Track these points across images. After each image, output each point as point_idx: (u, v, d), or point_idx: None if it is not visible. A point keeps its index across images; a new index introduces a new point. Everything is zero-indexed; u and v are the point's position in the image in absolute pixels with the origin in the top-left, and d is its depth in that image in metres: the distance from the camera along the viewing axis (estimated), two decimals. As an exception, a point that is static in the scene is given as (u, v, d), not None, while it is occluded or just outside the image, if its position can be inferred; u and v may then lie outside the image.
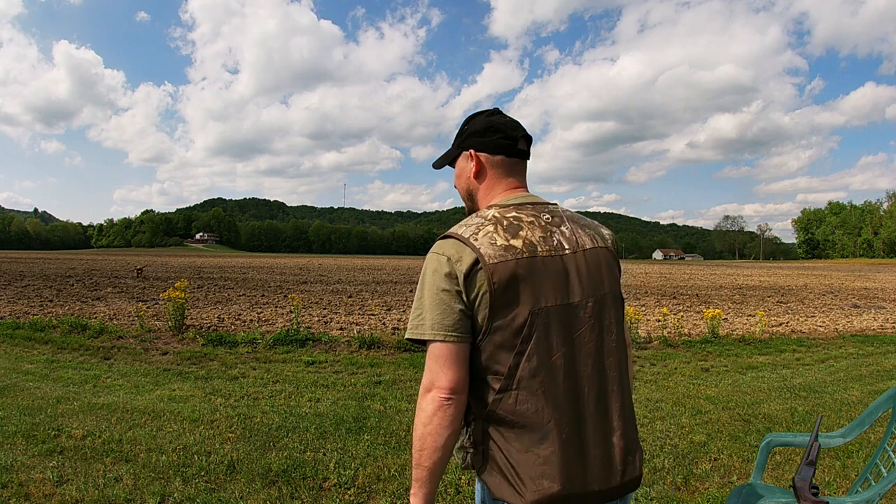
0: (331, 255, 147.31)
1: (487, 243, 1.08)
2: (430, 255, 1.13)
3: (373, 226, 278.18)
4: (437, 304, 1.08)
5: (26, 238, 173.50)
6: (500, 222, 1.12)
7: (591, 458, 1.08)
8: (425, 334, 1.08)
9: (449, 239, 1.13)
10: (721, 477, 3.09)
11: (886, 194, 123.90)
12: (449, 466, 3.10)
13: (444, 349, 1.07)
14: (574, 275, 1.12)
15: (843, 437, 1.88)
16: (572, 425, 1.07)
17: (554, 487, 1.04)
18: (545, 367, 1.06)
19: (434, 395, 1.07)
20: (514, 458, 1.06)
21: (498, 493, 1.08)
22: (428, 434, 1.07)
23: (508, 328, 1.06)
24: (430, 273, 1.10)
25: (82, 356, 5.98)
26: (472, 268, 1.07)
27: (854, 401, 4.70)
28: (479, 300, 1.07)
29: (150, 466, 3.03)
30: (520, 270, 1.07)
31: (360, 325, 8.48)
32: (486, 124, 1.23)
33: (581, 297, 1.11)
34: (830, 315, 11.49)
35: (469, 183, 1.26)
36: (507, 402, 1.06)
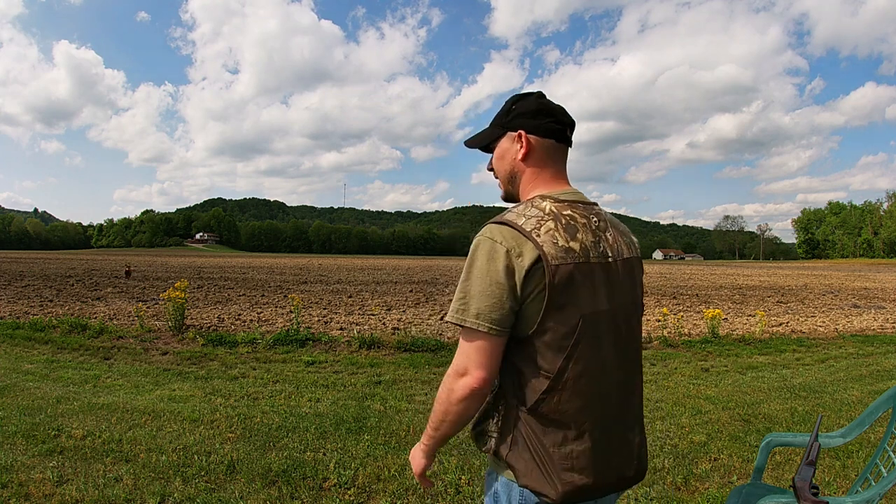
0: (331, 255, 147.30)
1: (550, 242, 1.08)
2: (485, 240, 1.10)
3: (373, 226, 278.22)
4: (488, 295, 1.07)
5: (26, 238, 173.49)
6: (558, 220, 1.12)
7: (616, 454, 1.15)
8: (467, 322, 1.08)
9: (506, 227, 1.10)
10: (721, 477, 3.09)
11: (886, 194, 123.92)
12: (450, 468, 3.10)
13: (486, 342, 1.08)
14: (614, 283, 1.16)
15: (843, 437, 1.88)
16: (604, 424, 1.13)
17: (583, 480, 1.10)
18: (589, 369, 1.10)
19: (467, 382, 1.10)
20: (547, 450, 1.10)
21: (525, 479, 1.11)
22: (454, 412, 1.13)
23: (559, 330, 1.08)
24: (484, 260, 1.08)
25: (82, 356, 5.98)
26: (534, 265, 1.06)
27: (854, 401, 4.70)
28: (534, 298, 1.07)
29: (150, 466, 3.03)
30: (576, 275, 1.08)
31: (360, 325, 8.48)
32: (537, 106, 1.21)
33: (617, 305, 1.16)
34: (830, 315, 11.49)
35: (514, 165, 1.24)
36: (551, 401, 1.10)
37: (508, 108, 1.25)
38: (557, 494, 1.08)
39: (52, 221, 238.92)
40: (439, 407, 1.15)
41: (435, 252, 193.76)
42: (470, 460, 3.23)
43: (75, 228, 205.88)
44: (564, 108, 1.24)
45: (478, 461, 3.21)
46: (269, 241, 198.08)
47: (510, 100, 1.26)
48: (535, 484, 1.10)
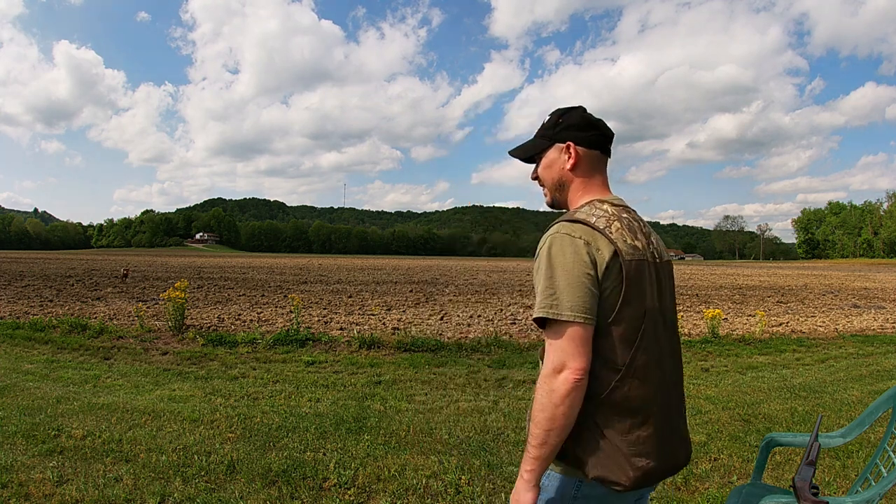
0: (331, 255, 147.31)
1: (621, 239, 1.16)
2: (562, 237, 1.16)
3: (373, 226, 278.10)
4: (578, 286, 1.12)
5: (26, 238, 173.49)
6: (621, 220, 1.21)
7: (673, 439, 1.23)
8: (563, 315, 1.11)
9: (579, 224, 1.17)
10: (721, 477, 3.09)
11: (886, 194, 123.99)
12: (450, 468, 3.10)
13: (581, 331, 1.12)
14: (661, 282, 1.25)
15: (843, 437, 1.88)
16: (664, 411, 1.20)
17: (650, 464, 1.16)
18: (653, 360, 1.18)
19: (567, 376, 1.11)
20: (615, 438, 1.15)
21: (595, 471, 1.15)
22: (561, 414, 1.11)
23: (630, 322, 1.15)
24: (567, 254, 1.13)
25: (82, 356, 5.98)
26: (612, 259, 1.14)
27: (854, 401, 4.70)
28: (610, 291, 1.14)
29: (150, 466, 3.03)
30: (642, 271, 1.18)
31: (360, 325, 8.48)
32: (584, 119, 1.30)
33: (664, 302, 1.25)
34: (830, 315, 11.49)
35: (563, 174, 1.31)
36: (621, 391, 1.15)
37: (555, 120, 1.32)
38: (629, 480, 1.13)
39: (52, 221, 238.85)
40: (542, 416, 1.12)
41: (435, 252, 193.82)
42: (470, 460, 3.24)
43: (75, 228, 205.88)
44: (605, 122, 1.32)
45: (478, 461, 3.21)
46: (269, 241, 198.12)
47: (556, 112, 1.33)
48: (607, 472, 1.14)
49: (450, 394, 4.79)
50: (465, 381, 5.23)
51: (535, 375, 4.57)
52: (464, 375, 5.44)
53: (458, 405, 4.43)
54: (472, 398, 4.67)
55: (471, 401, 4.58)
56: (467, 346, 6.64)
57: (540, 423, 1.12)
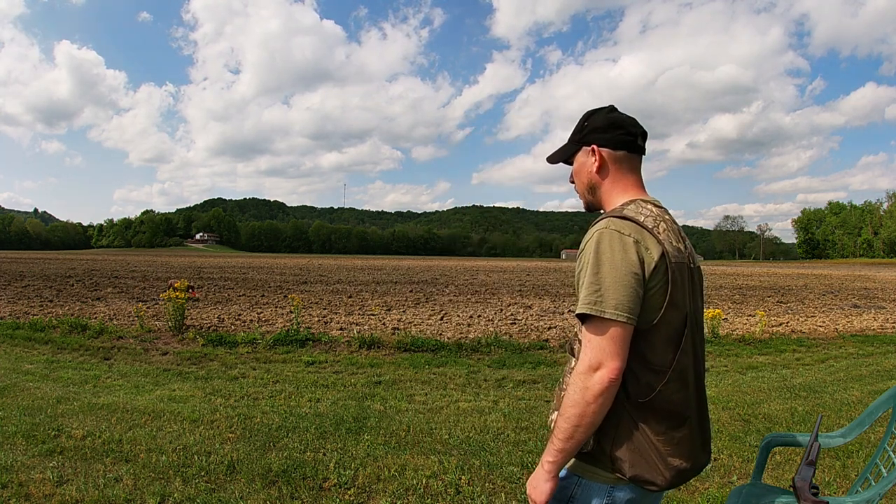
0: (331, 255, 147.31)
1: (668, 240, 1.16)
2: (611, 233, 1.13)
3: (373, 226, 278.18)
4: (624, 284, 1.10)
5: (26, 238, 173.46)
6: (665, 221, 1.21)
7: (702, 438, 1.25)
8: (606, 312, 1.10)
9: (629, 221, 1.15)
10: (721, 477, 3.09)
11: (886, 194, 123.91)
12: (450, 468, 3.10)
13: (622, 331, 1.11)
14: (695, 286, 1.27)
15: (843, 437, 1.88)
16: (697, 411, 1.23)
17: (685, 465, 1.18)
18: (691, 363, 1.20)
19: (603, 375, 1.10)
20: (654, 439, 1.16)
21: (633, 471, 1.16)
22: (591, 412, 1.11)
23: (673, 324, 1.16)
24: (616, 251, 1.11)
25: (82, 356, 5.98)
26: (660, 260, 1.13)
27: (854, 401, 4.70)
28: (656, 292, 1.13)
29: (150, 466, 3.03)
30: (684, 273, 1.19)
31: (360, 325, 8.48)
32: (608, 121, 1.28)
33: (697, 306, 1.27)
34: (830, 315, 11.49)
35: (591, 178, 1.30)
36: (665, 392, 1.16)
37: (582, 124, 1.32)
38: (665, 481, 1.15)
39: (52, 221, 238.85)
40: (573, 411, 1.12)
41: (435, 252, 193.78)
42: (470, 460, 3.24)
43: (75, 228, 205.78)
44: (635, 119, 1.30)
45: (478, 461, 3.21)
46: (269, 241, 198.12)
47: (584, 115, 1.33)
48: (644, 472, 1.15)
49: (450, 394, 4.79)
50: (465, 381, 5.23)
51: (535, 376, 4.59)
52: (464, 375, 5.44)
53: (458, 405, 4.43)
54: (472, 398, 4.67)
55: (471, 401, 4.58)
56: (467, 346, 6.64)
57: (570, 418, 1.12)
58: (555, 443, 1.16)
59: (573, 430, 1.12)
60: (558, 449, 1.15)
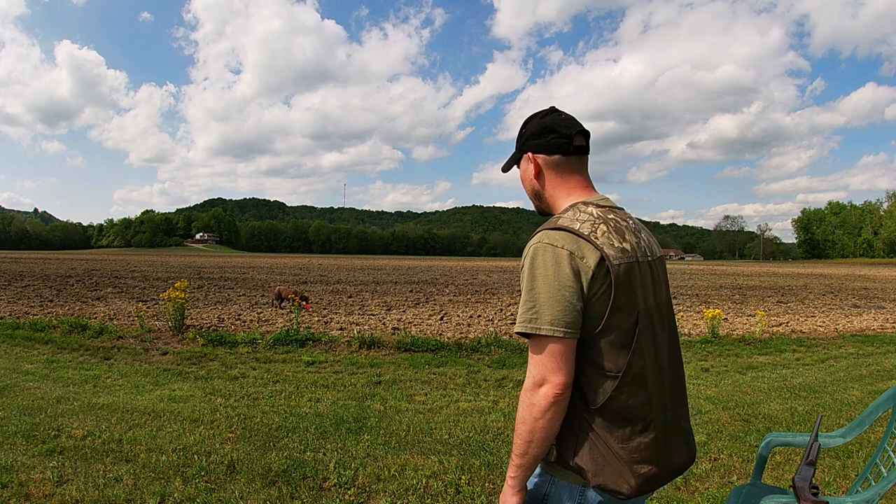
0: (331, 255, 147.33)
1: (608, 243, 1.13)
2: (545, 247, 1.12)
3: (373, 226, 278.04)
4: (558, 299, 1.09)
5: (26, 238, 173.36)
6: (607, 223, 1.17)
7: (674, 441, 1.21)
8: (542, 329, 1.09)
9: (563, 231, 1.13)
10: (721, 477, 3.09)
11: (886, 194, 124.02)
12: (450, 468, 3.10)
13: (561, 345, 1.10)
14: (656, 280, 1.23)
15: (843, 437, 1.88)
16: (665, 414, 1.18)
17: (652, 471, 1.14)
18: (649, 363, 1.15)
19: (548, 391, 1.10)
20: (615, 446, 1.13)
21: (597, 479, 1.13)
22: (541, 428, 1.11)
23: (622, 327, 1.12)
24: (549, 265, 1.10)
25: (82, 356, 5.98)
26: (598, 266, 1.10)
27: (854, 401, 4.70)
28: (598, 298, 1.11)
29: (150, 466, 3.03)
30: (632, 273, 1.14)
31: (360, 325, 8.48)
32: (540, 126, 1.27)
33: (661, 300, 1.23)
34: (830, 315, 11.49)
35: (532, 184, 1.31)
36: (619, 398, 1.12)
37: (520, 130, 1.32)
38: (631, 489, 1.12)
39: (52, 221, 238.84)
40: (523, 427, 1.13)
41: (435, 252, 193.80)
42: (470, 460, 3.23)
43: (75, 228, 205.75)
44: (572, 119, 1.27)
45: (478, 461, 3.21)
46: (269, 241, 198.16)
47: (524, 122, 1.32)
48: (609, 481, 1.12)
49: (450, 394, 4.79)
50: (465, 381, 5.23)
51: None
52: (464, 375, 5.44)
53: (458, 405, 4.43)
54: (472, 398, 4.67)
55: (471, 401, 4.58)
56: (467, 346, 6.64)
57: (521, 434, 1.14)
58: (513, 459, 1.17)
59: (526, 446, 1.14)
60: (516, 465, 1.16)
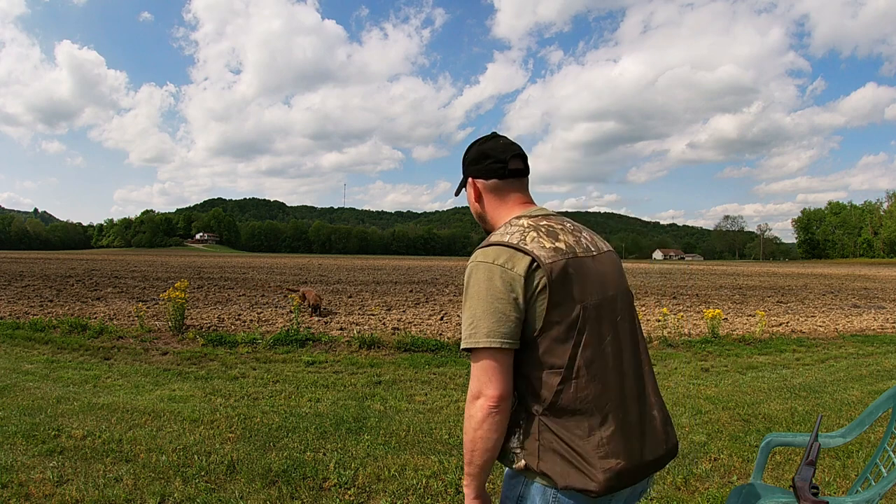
0: (331, 255, 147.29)
1: (538, 247, 1.16)
2: (478, 265, 1.17)
3: (373, 226, 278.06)
4: (492, 312, 1.13)
5: (26, 238, 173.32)
6: (538, 229, 1.21)
7: (642, 432, 1.19)
8: (480, 343, 1.13)
9: (494, 247, 1.18)
10: (721, 477, 3.09)
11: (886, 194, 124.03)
12: (450, 468, 3.10)
13: (499, 357, 1.13)
14: (604, 272, 1.24)
15: (843, 437, 1.88)
16: (624, 405, 1.17)
17: (620, 463, 1.12)
18: (598, 355, 1.16)
19: (482, 404, 1.13)
20: (576, 444, 1.12)
21: (564, 481, 1.12)
22: (479, 438, 1.15)
23: (564, 322, 1.14)
24: (482, 282, 1.15)
25: (82, 356, 5.98)
26: (529, 269, 1.14)
27: (854, 401, 4.70)
28: (536, 299, 1.14)
29: (150, 466, 3.03)
30: (569, 269, 1.16)
31: (360, 325, 8.48)
32: (478, 152, 1.34)
33: (614, 291, 1.24)
34: (830, 315, 11.49)
35: (475, 208, 1.38)
36: (568, 392, 1.13)
37: (463, 158, 1.39)
38: (599, 486, 1.10)
39: (52, 221, 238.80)
40: (466, 438, 1.17)
41: (435, 252, 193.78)
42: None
43: (75, 228, 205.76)
44: (508, 144, 1.33)
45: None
46: (269, 241, 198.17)
47: (465, 150, 1.39)
48: (576, 482, 1.11)
49: (450, 394, 4.79)
50: (465, 381, 5.23)
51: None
52: (464, 375, 5.44)
53: (458, 405, 4.42)
54: (472, 398, 4.66)
55: (471, 401, 4.57)
56: (467, 346, 6.63)
57: (465, 444, 1.17)
58: (465, 468, 1.20)
59: (470, 456, 1.17)
60: (467, 473, 1.20)
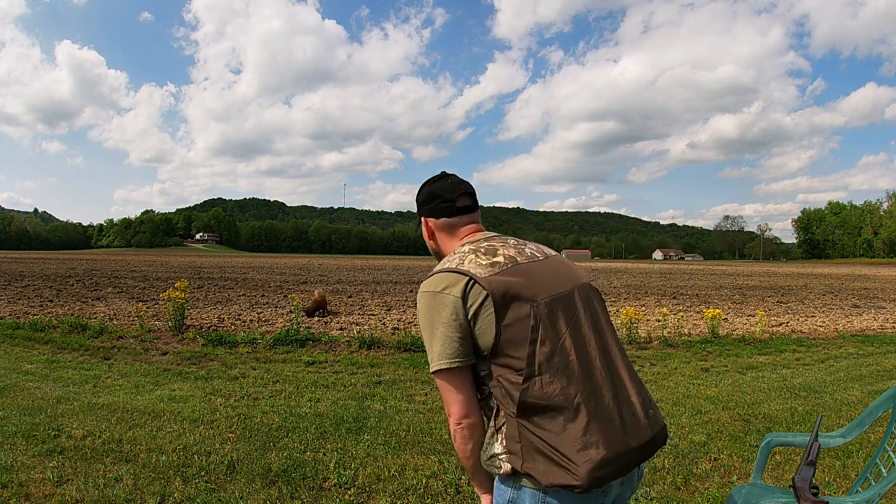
0: (331, 255, 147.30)
1: (474, 266, 1.23)
2: (421, 295, 1.25)
3: (372, 226, 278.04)
4: (438, 337, 1.20)
5: (26, 238, 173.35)
6: (477, 251, 1.28)
7: (621, 419, 1.17)
8: (433, 367, 1.22)
9: (434, 276, 1.26)
10: (721, 477, 3.09)
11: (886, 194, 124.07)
12: (450, 468, 3.10)
13: (452, 378, 1.21)
14: (554, 272, 1.28)
15: (843, 437, 1.88)
16: (596, 394, 1.17)
17: (601, 453, 1.11)
18: (558, 348, 1.17)
19: (451, 423, 1.24)
20: (554, 440, 1.13)
21: (548, 479, 1.13)
22: (458, 449, 1.27)
23: (517, 323, 1.17)
24: (424, 311, 1.24)
25: (82, 356, 5.98)
26: (466, 288, 1.19)
27: (854, 401, 4.70)
28: (480, 312, 1.18)
29: (150, 466, 3.03)
30: (510, 276, 1.21)
31: (360, 325, 8.48)
32: (427, 194, 1.42)
33: (568, 288, 1.26)
34: (830, 315, 11.49)
35: (429, 244, 1.47)
36: (534, 388, 1.14)
37: (416, 198, 1.47)
38: (581, 478, 1.09)
39: (52, 221, 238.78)
40: (455, 449, 1.29)
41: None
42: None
43: (75, 228, 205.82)
44: (457, 183, 1.42)
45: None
46: (269, 241, 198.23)
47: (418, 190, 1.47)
48: (559, 478, 1.11)
49: (450, 394, 4.79)
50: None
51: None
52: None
53: (458, 405, 4.42)
54: (472, 398, 4.66)
55: (471, 401, 4.57)
56: (467, 346, 6.63)
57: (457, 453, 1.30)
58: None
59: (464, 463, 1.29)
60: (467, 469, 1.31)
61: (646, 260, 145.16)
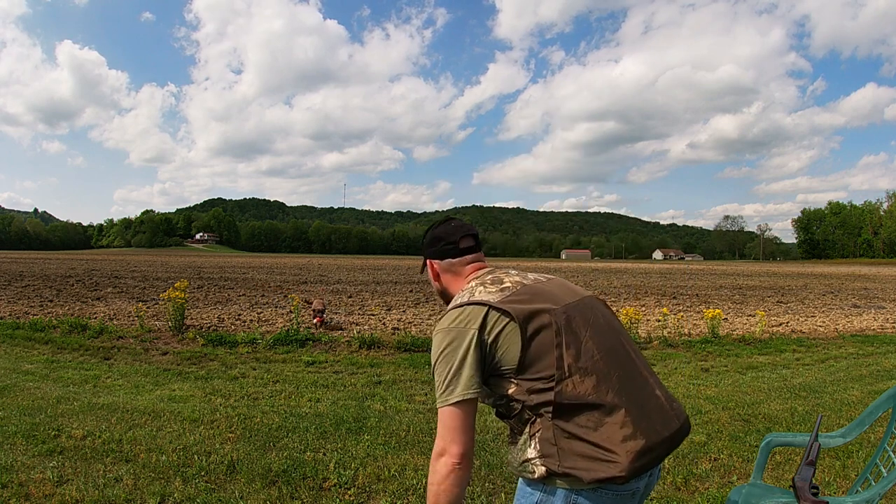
0: (331, 255, 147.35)
1: (486, 295, 1.29)
2: (437, 332, 1.29)
3: (373, 226, 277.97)
4: (454, 370, 1.23)
5: (26, 238, 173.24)
6: (483, 283, 1.35)
7: (650, 411, 1.23)
8: (438, 403, 1.24)
9: (448, 313, 1.30)
10: (721, 477, 3.09)
11: (886, 194, 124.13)
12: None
13: (454, 414, 1.21)
14: (560, 288, 1.37)
15: (843, 437, 1.88)
16: (626, 389, 1.22)
17: (640, 443, 1.16)
18: (582, 350, 1.23)
19: (447, 461, 1.20)
20: (593, 437, 1.16)
21: (591, 475, 1.15)
22: (442, 492, 1.21)
23: (540, 333, 1.22)
24: (443, 346, 1.25)
25: (82, 356, 5.98)
26: (485, 318, 1.24)
27: (854, 401, 4.70)
28: (501, 333, 1.23)
29: (150, 466, 3.03)
30: (522, 296, 1.28)
31: (360, 325, 8.48)
32: (432, 237, 1.50)
33: (576, 299, 1.34)
34: (830, 315, 11.49)
35: (435, 285, 1.53)
36: (566, 390, 1.19)
37: (421, 240, 1.54)
38: (624, 468, 1.13)
39: (52, 221, 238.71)
40: (429, 490, 1.23)
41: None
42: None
43: (75, 228, 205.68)
44: (459, 226, 1.48)
45: (478, 461, 3.21)
46: (269, 241, 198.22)
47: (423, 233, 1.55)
48: (602, 472, 1.14)
49: (450, 394, 4.79)
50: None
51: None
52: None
53: (458, 405, 4.42)
54: (472, 398, 4.66)
55: (471, 401, 4.57)
56: (467, 346, 6.63)
57: (428, 497, 1.23)
58: None
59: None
60: None
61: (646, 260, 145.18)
